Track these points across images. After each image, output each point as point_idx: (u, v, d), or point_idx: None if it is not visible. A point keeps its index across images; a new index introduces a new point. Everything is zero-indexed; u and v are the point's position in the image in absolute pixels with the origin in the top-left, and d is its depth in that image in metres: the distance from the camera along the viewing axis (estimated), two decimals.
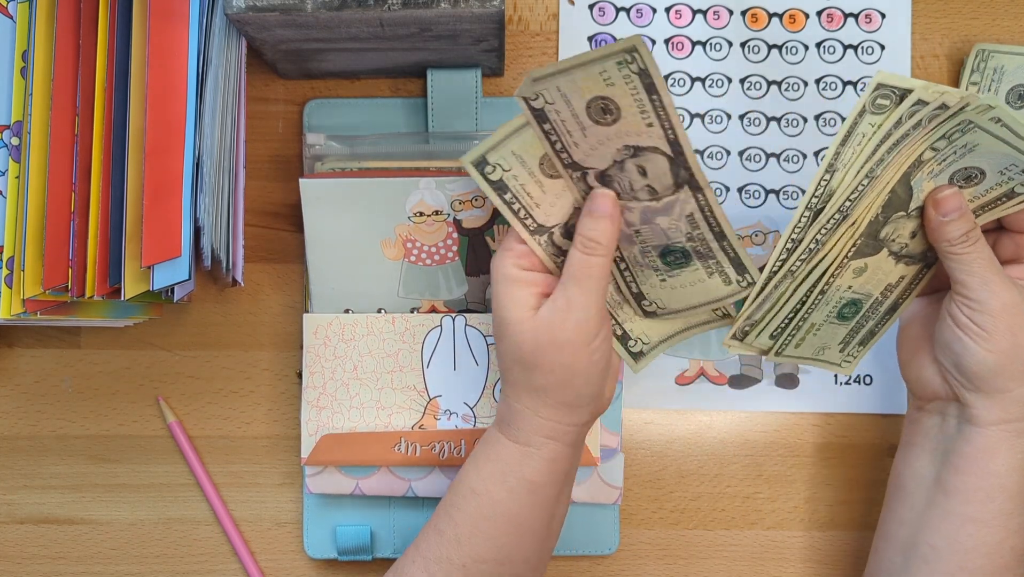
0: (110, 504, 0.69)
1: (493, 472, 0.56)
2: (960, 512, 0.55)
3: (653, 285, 0.57)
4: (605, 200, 0.53)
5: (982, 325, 0.54)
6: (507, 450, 0.56)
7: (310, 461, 0.64)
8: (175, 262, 0.58)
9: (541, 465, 0.55)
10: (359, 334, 0.64)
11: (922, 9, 0.69)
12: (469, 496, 0.56)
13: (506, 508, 0.55)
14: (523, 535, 0.56)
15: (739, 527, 0.69)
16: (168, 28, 0.58)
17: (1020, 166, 0.53)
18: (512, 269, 0.54)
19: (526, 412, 0.55)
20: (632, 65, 0.47)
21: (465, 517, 0.55)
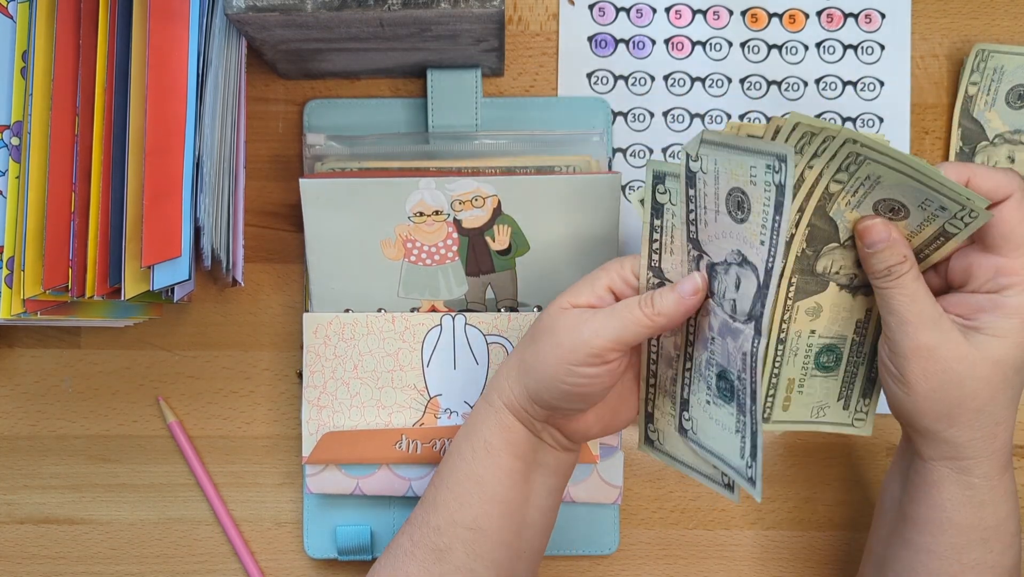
0: (110, 504, 0.69)
1: (464, 431, 0.57)
2: (915, 541, 0.55)
3: (699, 401, 0.55)
4: (692, 284, 0.52)
5: (898, 368, 0.52)
6: (477, 406, 0.58)
7: (311, 460, 0.64)
8: (175, 262, 0.58)
9: (496, 429, 0.56)
10: (359, 333, 0.64)
11: (922, 9, 0.69)
12: (445, 458, 0.58)
13: (469, 467, 0.56)
14: (488, 501, 0.56)
15: (739, 527, 0.69)
16: (168, 28, 0.58)
17: (935, 201, 0.49)
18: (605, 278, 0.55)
19: (502, 373, 0.57)
20: (775, 175, 0.45)
21: (440, 478, 0.57)
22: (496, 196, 0.63)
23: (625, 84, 0.69)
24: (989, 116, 0.68)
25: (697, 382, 0.55)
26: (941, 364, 0.51)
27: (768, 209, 0.46)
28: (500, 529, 0.56)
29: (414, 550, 0.56)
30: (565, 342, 0.53)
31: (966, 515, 0.53)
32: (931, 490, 0.54)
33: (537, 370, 0.54)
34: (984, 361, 0.51)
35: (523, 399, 0.55)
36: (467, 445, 0.57)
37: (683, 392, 0.56)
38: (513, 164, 0.65)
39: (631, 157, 0.69)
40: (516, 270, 0.65)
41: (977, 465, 0.53)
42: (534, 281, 0.65)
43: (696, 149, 0.48)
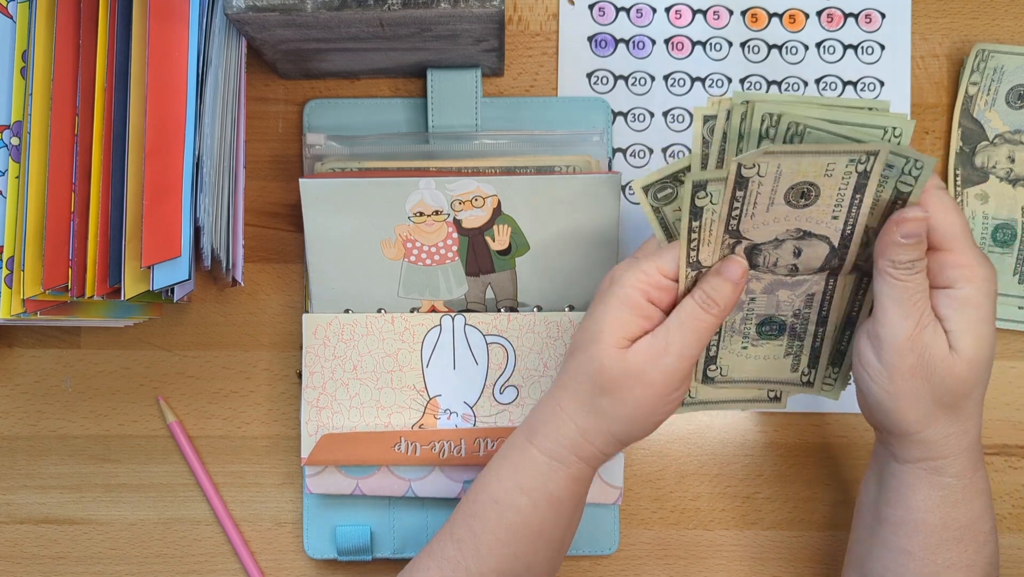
0: (110, 504, 0.69)
1: (517, 483, 0.55)
2: (892, 543, 0.55)
3: (732, 351, 0.58)
4: (737, 268, 0.53)
5: (887, 362, 0.52)
6: (534, 462, 0.55)
7: (310, 461, 0.64)
8: (175, 262, 0.58)
9: (566, 482, 0.55)
10: (359, 334, 0.64)
11: (922, 9, 0.69)
12: (490, 505, 0.55)
13: (528, 520, 0.55)
14: (541, 547, 0.56)
15: (739, 527, 0.69)
16: (168, 28, 0.58)
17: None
18: (638, 295, 0.52)
19: (572, 428, 0.54)
20: (862, 165, 0.48)
21: (485, 526, 0.55)
22: (496, 196, 0.63)
23: (625, 84, 0.69)
24: (989, 116, 0.68)
25: (729, 338, 0.58)
26: (928, 361, 0.51)
27: (845, 191, 0.50)
28: (546, 567, 0.56)
29: None
30: (657, 379, 0.52)
31: (940, 515, 0.54)
32: (906, 492, 0.54)
33: (628, 416, 0.53)
34: (960, 360, 0.51)
35: (609, 447, 0.55)
36: (524, 498, 0.54)
37: (708, 351, 0.58)
38: (513, 164, 0.65)
39: (631, 157, 0.69)
40: (516, 270, 0.65)
41: (950, 464, 0.53)
42: (534, 281, 0.65)
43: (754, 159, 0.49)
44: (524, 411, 0.64)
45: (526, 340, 0.64)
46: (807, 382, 0.59)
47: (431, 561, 0.56)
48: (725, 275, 0.52)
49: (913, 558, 0.54)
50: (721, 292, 0.52)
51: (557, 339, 0.64)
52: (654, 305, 0.53)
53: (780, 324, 0.56)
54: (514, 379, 0.64)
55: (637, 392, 0.53)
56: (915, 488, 0.54)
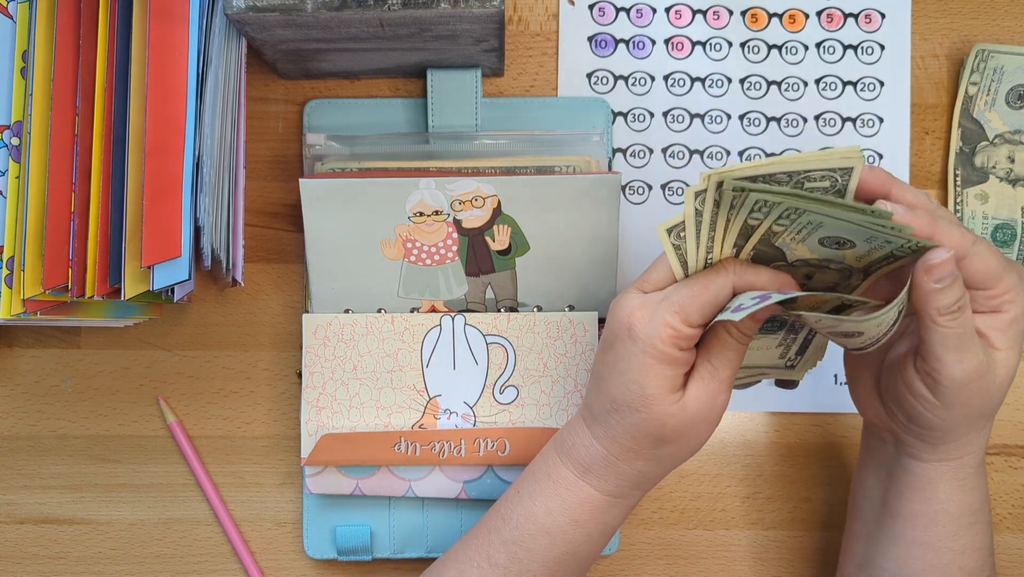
0: (110, 504, 0.69)
1: (571, 517, 0.54)
2: (906, 535, 0.55)
3: None
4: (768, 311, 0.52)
5: (941, 399, 0.51)
6: (591, 500, 0.54)
7: (310, 461, 0.64)
8: (175, 262, 0.58)
9: (624, 512, 0.56)
10: (358, 334, 0.64)
11: (922, 9, 0.69)
12: (540, 537, 0.55)
13: (580, 549, 0.55)
14: (585, 567, 0.57)
15: (739, 527, 0.69)
16: (168, 28, 0.58)
17: (880, 237, 0.49)
18: (672, 350, 0.51)
19: (632, 472, 0.54)
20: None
21: (533, 556, 0.55)
22: (496, 196, 0.63)
23: (625, 84, 0.69)
24: (989, 116, 0.68)
25: None
26: (984, 387, 0.51)
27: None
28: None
29: None
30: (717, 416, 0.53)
31: (958, 503, 0.55)
32: (926, 487, 0.55)
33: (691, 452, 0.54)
34: (1003, 375, 0.52)
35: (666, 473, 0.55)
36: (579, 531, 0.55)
37: None
38: (513, 164, 0.65)
39: (631, 157, 0.69)
40: (516, 270, 0.65)
41: (974, 457, 0.55)
42: (534, 281, 0.65)
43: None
44: (524, 411, 0.64)
45: (526, 340, 0.64)
46: (790, 366, 0.60)
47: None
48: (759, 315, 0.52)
49: (931, 548, 0.55)
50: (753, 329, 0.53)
51: (557, 339, 0.64)
52: (687, 352, 0.52)
53: (782, 321, 0.57)
54: (514, 379, 0.64)
55: (702, 430, 0.53)
56: (936, 482, 0.54)
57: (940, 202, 0.69)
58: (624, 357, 0.52)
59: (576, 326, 0.64)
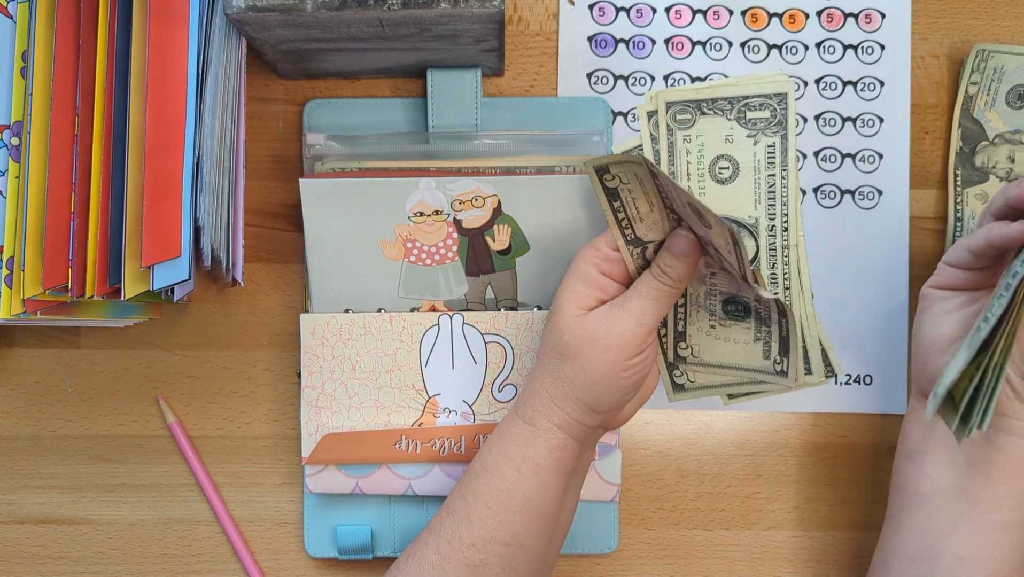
0: (110, 504, 0.69)
1: (503, 451, 0.57)
2: (991, 520, 0.55)
3: (700, 329, 0.60)
4: (682, 242, 0.56)
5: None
6: (517, 429, 0.57)
7: (311, 460, 0.64)
8: (175, 262, 0.58)
9: (546, 450, 0.57)
10: (357, 333, 0.64)
11: (922, 9, 0.69)
12: (480, 473, 0.57)
13: (513, 487, 0.56)
14: (531, 518, 0.57)
15: (739, 527, 0.69)
16: (168, 28, 0.58)
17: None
18: (590, 268, 0.56)
19: (544, 395, 0.57)
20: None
21: (475, 495, 0.57)
22: (496, 196, 0.63)
23: (625, 84, 0.69)
24: (989, 116, 0.68)
25: (695, 313, 0.61)
26: None
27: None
28: (536, 543, 0.57)
29: (443, 564, 0.56)
30: (613, 343, 0.55)
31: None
32: (1015, 466, 0.55)
33: (591, 381, 0.56)
34: None
35: (580, 414, 0.57)
36: (509, 465, 0.57)
37: (676, 327, 0.62)
38: (513, 164, 0.65)
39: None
40: (516, 270, 0.65)
41: None
42: (534, 281, 0.65)
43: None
44: None
45: (524, 339, 0.64)
46: (781, 371, 0.60)
47: (429, 536, 0.57)
48: (673, 250, 0.56)
49: (1015, 531, 0.55)
50: (674, 267, 0.56)
51: None
52: (607, 277, 0.57)
53: (744, 305, 0.58)
54: (512, 377, 0.64)
55: (594, 356, 0.55)
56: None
57: (940, 202, 0.69)
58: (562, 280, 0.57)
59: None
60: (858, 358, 0.68)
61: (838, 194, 0.69)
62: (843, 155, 0.69)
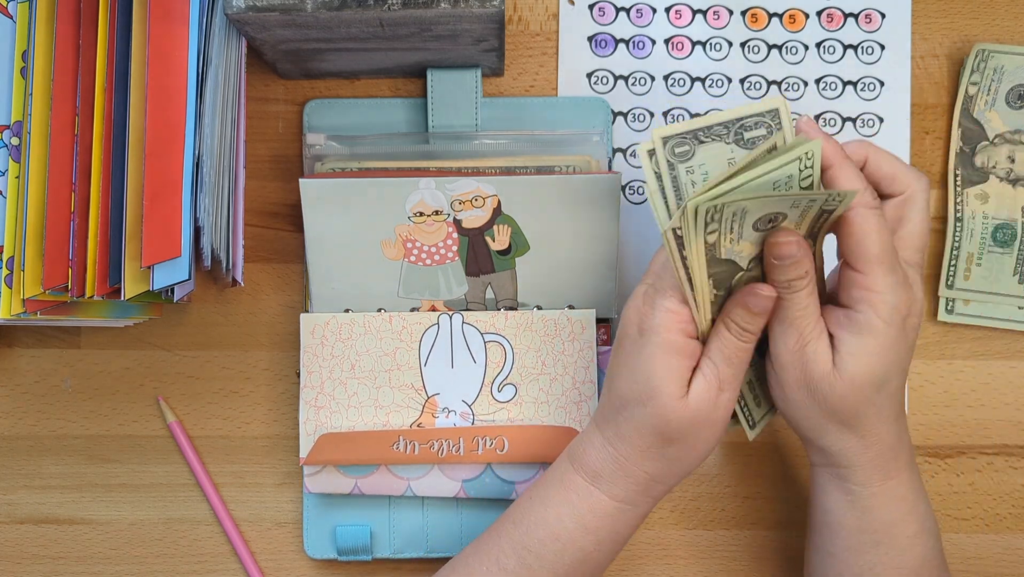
0: (110, 504, 0.69)
1: (581, 523, 0.55)
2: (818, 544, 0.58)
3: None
4: (762, 301, 0.52)
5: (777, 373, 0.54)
6: (601, 505, 0.55)
7: (309, 461, 0.64)
8: (175, 262, 0.58)
9: (635, 521, 0.56)
10: (356, 333, 0.64)
11: (922, 9, 0.69)
12: (549, 542, 0.55)
13: (590, 556, 0.55)
14: (596, 575, 0.57)
15: (739, 527, 0.69)
16: (168, 28, 0.58)
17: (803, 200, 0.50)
18: (677, 336, 0.52)
19: (640, 475, 0.54)
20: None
21: (543, 563, 0.55)
22: (496, 196, 0.63)
23: (625, 84, 0.69)
24: (989, 116, 0.68)
25: None
26: (808, 379, 0.52)
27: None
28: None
29: None
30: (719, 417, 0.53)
31: (852, 519, 0.55)
32: (819, 494, 0.56)
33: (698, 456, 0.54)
34: (841, 381, 0.52)
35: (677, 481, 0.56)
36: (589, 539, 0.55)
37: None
38: (513, 164, 0.65)
39: (631, 157, 0.69)
40: (516, 270, 0.65)
41: (853, 473, 0.54)
42: (534, 281, 0.65)
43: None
44: (522, 409, 0.64)
45: (524, 338, 0.64)
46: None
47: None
48: (753, 310, 0.52)
49: (837, 560, 0.56)
50: (755, 324, 0.53)
51: (555, 337, 0.64)
52: (693, 340, 0.53)
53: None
54: (512, 377, 0.64)
55: (705, 434, 0.53)
56: (825, 490, 0.56)
57: (940, 202, 0.69)
58: (633, 353, 0.53)
59: (573, 324, 0.64)
60: None
61: None
62: None
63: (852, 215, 0.51)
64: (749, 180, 0.48)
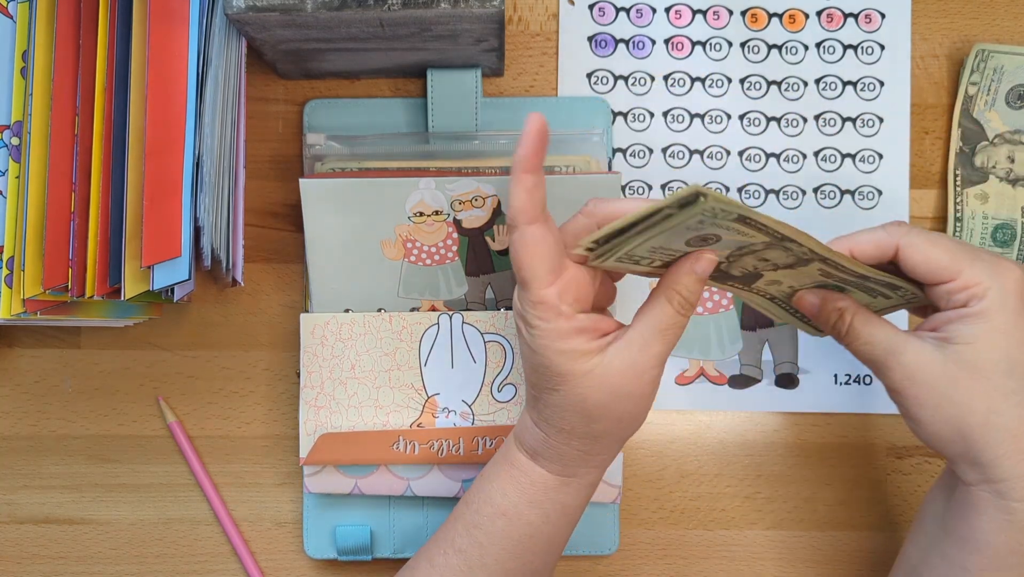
0: (110, 504, 0.69)
1: (526, 497, 0.54)
2: (952, 556, 0.54)
3: None
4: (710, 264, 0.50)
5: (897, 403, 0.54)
6: (542, 479, 0.54)
7: (309, 461, 0.64)
8: (175, 262, 0.58)
9: (581, 491, 0.55)
10: (356, 333, 0.64)
11: (922, 9, 0.69)
12: (497, 518, 0.55)
13: (539, 530, 0.55)
14: (551, 552, 0.56)
15: (739, 527, 0.69)
16: (168, 28, 0.58)
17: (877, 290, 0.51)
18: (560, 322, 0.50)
19: (574, 452, 0.54)
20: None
21: (493, 539, 0.55)
22: (496, 196, 0.63)
23: (625, 84, 0.69)
24: (989, 116, 0.68)
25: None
26: (924, 387, 0.51)
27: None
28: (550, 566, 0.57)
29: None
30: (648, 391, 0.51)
31: (1004, 539, 0.52)
32: (970, 513, 0.53)
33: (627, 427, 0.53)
34: (961, 370, 0.50)
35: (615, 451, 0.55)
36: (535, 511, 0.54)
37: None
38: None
39: (631, 157, 0.69)
40: None
41: (1013, 488, 0.51)
42: None
43: None
44: (522, 409, 0.64)
45: None
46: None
47: (433, 571, 0.56)
48: (700, 273, 0.50)
49: (969, 575, 0.53)
50: (696, 292, 0.51)
51: None
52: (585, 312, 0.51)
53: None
54: (512, 377, 0.64)
55: (631, 407, 0.52)
56: (980, 510, 0.52)
57: (940, 202, 0.69)
58: (524, 345, 0.52)
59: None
60: None
61: (838, 194, 0.69)
62: (843, 155, 0.69)
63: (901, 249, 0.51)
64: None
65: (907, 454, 0.69)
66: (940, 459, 0.68)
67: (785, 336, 0.68)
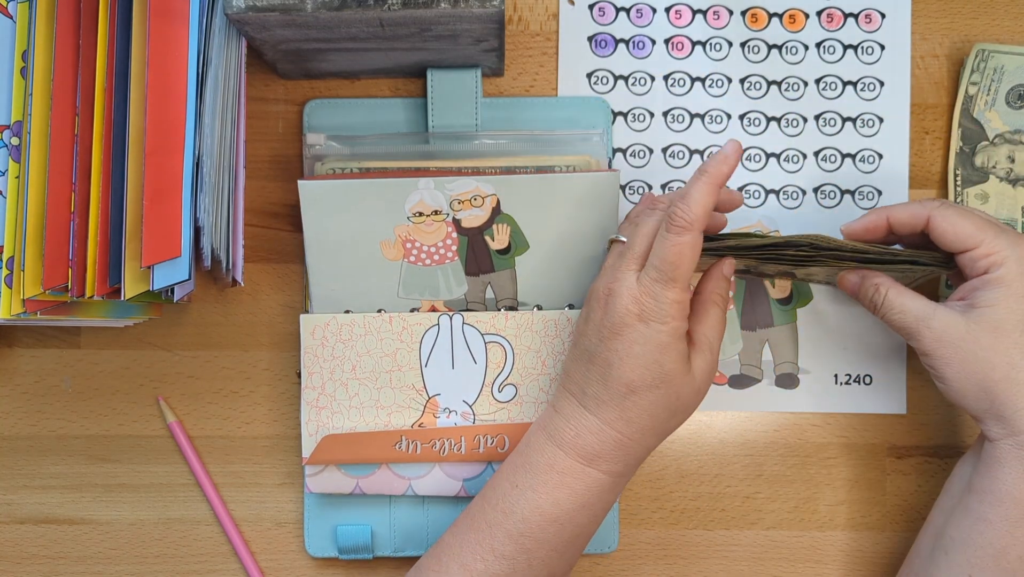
0: (110, 504, 0.69)
1: (579, 503, 0.56)
2: (975, 509, 0.57)
3: None
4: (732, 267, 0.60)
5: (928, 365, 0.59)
6: (598, 483, 0.57)
7: (312, 461, 0.64)
8: (175, 262, 0.58)
9: (624, 485, 0.59)
10: (356, 334, 0.64)
11: (922, 9, 0.69)
12: (548, 525, 0.56)
13: (586, 529, 0.58)
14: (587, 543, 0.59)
15: (739, 527, 0.69)
16: (168, 28, 0.58)
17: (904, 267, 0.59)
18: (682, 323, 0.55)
19: (642, 451, 0.57)
20: None
21: (542, 545, 0.56)
22: (495, 195, 0.63)
23: (625, 84, 0.69)
24: (989, 116, 0.68)
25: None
26: (951, 348, 0.56)
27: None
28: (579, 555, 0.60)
29: None
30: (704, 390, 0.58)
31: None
32: (994, 466, 0.57)
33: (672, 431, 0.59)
34: (984, 331, 0.56)
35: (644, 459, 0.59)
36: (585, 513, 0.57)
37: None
38: (513, 164, 0.65)
39: (631, 157, 0.69)
40: (516, 269, 0.65)
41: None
42: (534, 280, 0.65)
43: None
44: (523, 409, 0.64)
45: (524, 339, 0.64)
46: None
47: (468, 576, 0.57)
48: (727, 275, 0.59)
49: (991, 526, 0.57)
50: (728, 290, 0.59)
51: (555, 337, 0.64)
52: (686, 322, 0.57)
53: None
54: (512, 377, 0.64)
55: (697, 402, 0.58)
56: (1003, 462, 0.57)
57: None
58: (639, 341, 0.55)
59: (573, 324, 0.64)
60: (858, 358, 0.68)
61: (838, 194, 0.69)
62: (843, 155, 0.69)
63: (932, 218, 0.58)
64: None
65: (907, 454, 0.69)
66: (940, 459, 0.69)
67: (785, 336, 0.68)
